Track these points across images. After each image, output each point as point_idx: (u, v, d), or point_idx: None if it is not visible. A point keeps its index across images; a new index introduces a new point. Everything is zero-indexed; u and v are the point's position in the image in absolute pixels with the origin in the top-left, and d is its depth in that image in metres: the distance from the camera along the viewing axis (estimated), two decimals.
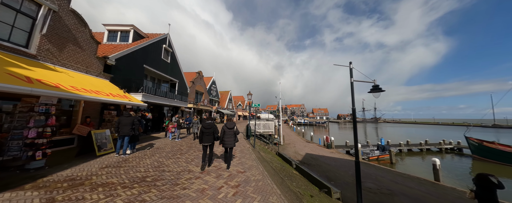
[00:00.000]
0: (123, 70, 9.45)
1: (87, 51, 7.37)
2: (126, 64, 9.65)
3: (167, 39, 13.79)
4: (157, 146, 7.80)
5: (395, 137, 32.11)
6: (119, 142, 5.85)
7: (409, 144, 22.04)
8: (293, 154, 14.37)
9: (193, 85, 22.28)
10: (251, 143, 10.24)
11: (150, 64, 11.85)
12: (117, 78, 9.08)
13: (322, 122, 75.46)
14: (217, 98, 32.84)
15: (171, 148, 7.49)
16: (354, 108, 5.99)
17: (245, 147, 8.49)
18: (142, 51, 10.92)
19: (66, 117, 6.91)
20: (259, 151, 8.70)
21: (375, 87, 6.46)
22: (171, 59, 14.71)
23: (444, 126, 75.31)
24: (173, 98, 13.63)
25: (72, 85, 5.37)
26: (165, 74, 13.64)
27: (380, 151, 17.23)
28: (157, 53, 12.69)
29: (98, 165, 4.82)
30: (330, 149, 17.86)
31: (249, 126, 11.91)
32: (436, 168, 9.78)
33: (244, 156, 6.59)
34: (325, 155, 14.71)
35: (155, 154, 6.38)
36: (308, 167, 10.91)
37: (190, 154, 6.61)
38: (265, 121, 18.11)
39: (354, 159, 14.60)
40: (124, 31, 11.41)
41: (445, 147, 22.12)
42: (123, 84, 9.37)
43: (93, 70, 7.67)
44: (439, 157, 20.45)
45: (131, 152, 6.34)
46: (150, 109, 14.36)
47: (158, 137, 10.61)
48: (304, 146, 18.78)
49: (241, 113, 47.57)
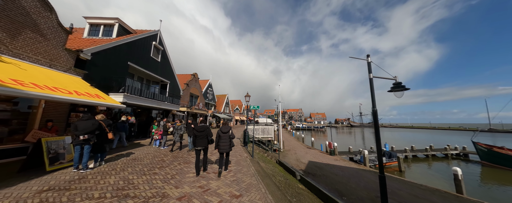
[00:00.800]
0: (101, 67, 8.19)
1: (52, 41, 6.12)
2: (106, 60, 8.40)
3: (157, 36, 12.65)
4: (135, 157, 6.43)
5: (396, 142, 31.19)
6: (76, 152, 4.51)
7: (414, 150, 21.05)
8: (295, 162, 13.08)
9: (187, 88, 21.01)
10: (249, 152, 8.95)
11: (137, 62, 10.62)
12: (94, 75, 7.80)
13: (320, 126, 74.50)
14: (213, 101, 31.53)
15: (151, 159, 6.14)
16: (375, 110, 4.87)
17: (242, 157, 7.20)
18: (126, 47, 9.72)
19: (19, 120, 5.54)
20: (258, 161, 7.41)
21: (397, 85, 5.32)
22: (162, 58, 13.52)
23: (441, 130, 75.39)
24: (162, 100, 12.32)
25: (19, 79, 4.10)
26: (154, 74, 12.39)
27: (387, 157, 16.11)
28: (145, 50, 11.50)
29: (37, 187, 3.49)
30: (334, 156, 16.63)
31: (246, 132, 10.64)
32: (458, 178, 8.66)
33: (240, 170, 5.31)
34: (330, 163, 13.46)
35: (127, 168, 5.04)
36: (314, 179, 9.63)
37: (172, 167, 5.27)
38: (264, 126, 16.87)
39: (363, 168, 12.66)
40: (108, 25, 10.23)
41: (451, 153, 21.19)
42: (100, 83, 8.09)
43: (60, 64, 6.39)
44: (445, 163, 19.61)
45: (96, 165, 4.99)
46: (137, 113, 13.01)
47: (142, 145, 9.22)
48: (305, 152, 17.50)
49: (238, 117, 46.13)
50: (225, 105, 38.39)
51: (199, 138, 4.69)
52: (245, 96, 11.09)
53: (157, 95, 11.86)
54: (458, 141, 34.48)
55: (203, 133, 4.71)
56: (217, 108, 34.66)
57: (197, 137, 4.67)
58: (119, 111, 9.48)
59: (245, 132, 10.78)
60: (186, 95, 20.60)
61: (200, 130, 4.72)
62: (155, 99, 11.39)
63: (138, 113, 12.95)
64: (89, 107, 7.25)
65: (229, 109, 41.69)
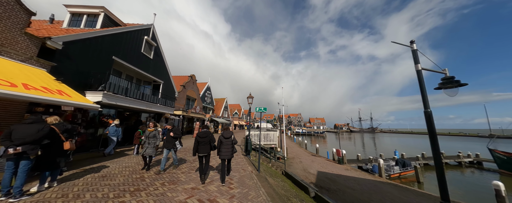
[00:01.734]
0: (77, 60, 6.81)
1: (5, 21, 4.77)
2: (83, 52, 7.04)
3: (150, 30, 11.40)
4: (107, 172, 4.92)
5: (403, 149, 29.86)
6: (6, 172, 3.05)
7: (426, 158, 19.72)
8: (302, 173, 11.58)
9: (183, 90, 19.61)
10: (253, 162, 7.47)
11: (124, 57, 9.27)
12: (66, 69, 6.41)
13: (320, 132, 73.02)
14: (211, 105, 30.05)
15: (127, 177, 4.64)
16: (429, 111, 3.59)
17: (246, 172, 5.73)
18: (111, 39, 8.40)
19: None
20: (266, 177, 5.95)
21: (448, 80, 4.03)
22: (155, 55, 12.20)
23: (442, 136, 74.48)
24: (154, 101, 10.88)
25: None
26: (145, 72, 11.01)
27: (400, 166, 14.72)
28: (135, 45, 10.18)
29: None
30: (343, 165, 15.16)
31: (249, 139, 9.21)
32: (501, 194, 7.30)
33: (247, 196, 3.84)
34: (341, 173, 11.99)
35: (86, 192, 3.56)
36: (328, 194, 8.16)
37: (150, 191, 3.77)
38: (266, 131, 15.43)
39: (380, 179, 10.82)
40: (92, 15, 8.95)
41: (464, 161, 19.90)
42: (75, 79, 6.68)
43: (16, 52, 5.00)
44: (460, 172, 18.26)
45: (41, 188, 3.50)
46: (125, 116, 11.52)
47: (126, 154, 7.69)
48: (311, 161, 16.00)
49: (237, 122, 44.50)
50: (224, 109, 36.90)
51: (202, 145, 4.60)
52: (248, 97, 9.76)
53: (148, 96, 10.43)
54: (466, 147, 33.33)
55: (205, 139, 4.63)
56: (215, 112, 33.13)
57: (200, 144, 4.60)
58: (99, 114, 8.01)
59: (247, 139, 9.34)
60: (182, 97, 19.17)
61: (203, 136, 4.63)
62: (144, 100, 9.96)
63: (126, 117, 11.46)
64: (55, 107, 5.80)
65: (228, 113, 40.16)
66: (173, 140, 5.47)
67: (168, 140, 5.45)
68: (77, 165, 5.56)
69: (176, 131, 5.55)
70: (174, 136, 5.44)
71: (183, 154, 8.60)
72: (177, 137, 5.53)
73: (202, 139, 4.61)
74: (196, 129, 18.26)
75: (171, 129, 5.58)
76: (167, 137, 5.48)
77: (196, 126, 18.61)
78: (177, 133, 5.54)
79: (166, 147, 5.42)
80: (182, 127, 19.19)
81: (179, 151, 9.27)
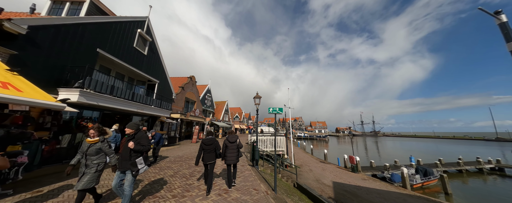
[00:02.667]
0: (48, 49, 5.53)
1: None
2: (57, 40, 5.77)
3: (145, 23, 10.21)
4: (65, 199, 3.52)
5: (408, 153, 28.28)
6: None
7: (444, 164, 18.22)
8: (316, 185, 10.11)
9: (182, 91, 18.33)
10: (264, 176, 6.07)
11: (111, 51, 8.01)
12: (32, 59, 5.13)
13: (323, 136, 71.31)
14: (212, 108, 28.70)
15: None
16: None
17: (260, 194, 4.29)
18: (96, 29, 7.16)
19: None
20: (285, 199, 4.53)
21: None
22: (150, 51, 10.97)
23: (447, 140, 72.72)
24: (147, 103, 9.55)
25: None
26: (137, 70, 9.73)
27: (421, 175, 13.22)
28: (126, 38, 8.96)
29: None
30: (358, 173, 13.68)
31: (256, 147, 7.82)
32: None
33: None
34: (360, 184, 10.53)
35: None
36: None
37: None
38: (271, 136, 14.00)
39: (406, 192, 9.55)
40: (76, 2, 7.76)
41: (485, 167, 18.39)
42: (44, 72, 5.40)
43: None
44: (482, 180, 16.70)
45: None
46: (116, 120, 10.16)
47: None
48: (322, 169, 14.51)
49: (238, 125, 42.99)
50: (225, 112, 35.51)
51: (207, 152, 4.35)
52: (255, 97, 8.45)
53: (140, 96, 9.12)
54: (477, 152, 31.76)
55: (211, 146, 4.38)
56: (215, 116, 31.73)
57: (205, 151, 4.36)
58: (78, 116, 6.65)
59: (255, 146, 7.95)
60: (180, 99, 17.86)
61: (208, 144, 4.38)
62: (136, 100, 8.64)
63: (118, 121, 10.10)
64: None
65: (228, 116, 38.74)
66: (135, 155, 3.14)
67: (123, 156, 3.17)
68: (35, 184, 4.17)
69: (142, 139, 3.26)
70: (135, 148, 3.12)
71: (178, 164, 7.18)
72: (140, 150, 3.18)
73: (207, 146, 4.32)
74: (195, 134, 16.83)
75: (132, 136, 3.28)
76: (123, 150, 3.24)
77: (195, 130, 17.19)
78: (144, 143, 3.25)
79: (120, 168, 3.16)
80: (180, 132, 17.76)
81: (174, 160, 7.83)
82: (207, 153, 4.31)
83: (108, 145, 3.33)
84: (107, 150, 3.25)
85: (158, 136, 7.08)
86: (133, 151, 3.14)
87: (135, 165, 3.10)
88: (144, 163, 3.26)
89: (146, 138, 3.36)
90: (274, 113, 5.20)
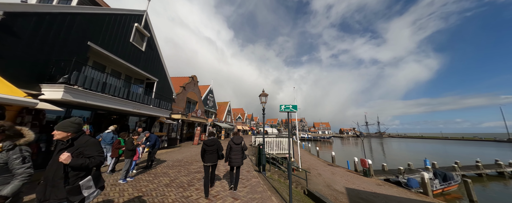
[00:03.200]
0: (28, 40, 4.88)
1: None
2: (40, 30, 5.13)
3: (143, 17, 9.59)
4: None
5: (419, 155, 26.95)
6: None
7: (461, 167, 17.02)
8: (328, 191, 9.23)
9: (183, 91, 17.69)
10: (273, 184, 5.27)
11: (104, 44, 7.36)
12: (7, 49, 4.48)
13: (327, 137, 69.86)
14: (214, 109, 28.04)
15: None
16: None
17: None
18: (87, 20, 6.52)
19: None
20: None
21: None
22: (149, 48, 10.33)
23: (456, 141, 70.37)
24: (144, 102, 8.88)
25: None
26: (134, 67, 9.08)
27: (440, 180, 12.17)
28: (122, 32, 8.33)
29: None
30: (370, 177, 12.72)
31: (263, 150, 7.01)
32: None
33: None
34: (376, 191, 9.59)
35: None
36: None
37: None
38: (275, 137, 13.18)
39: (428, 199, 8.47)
40: None
41: (507, 171, 17.11)
42: (23, 65, 4.75)
43: None
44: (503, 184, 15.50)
45: None
46: (112, 120, 9.55)
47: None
48: (331, 172, 13.59)
49: (240, 126, 42.20)
50: (227, 113, 34.82)
51: (208, 153, 4.21)
52: (261, 95, 7.69)
53: (137, 95, 8.45)
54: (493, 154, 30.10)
55: (213, 147, 4.23)
56: (218, 117, 31.06)
57: (206, 152, 4.21)
58: (65, 116, 5.98)
59: (261, 149, 7.15)
60: (182, 100, 17.21)
61: (210, 144, 4.25)
62: (132, 99, 7.97)
63: (113, 121, 9.47)
64: None
65: (231, 117, 38.03)
66: (74, 175, 1.81)
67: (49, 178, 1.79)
68: None
69: (87, 147, 1.93)
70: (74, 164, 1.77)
71: (176, 170, 6.43)
72: (86, 166, 1.83)
73: (209, 147, 4.24)
74: (197, 135, 16.13)
75: (67, 142, 1.91)
76: (49, 169, 1.83)
77: (197, 131, 16.49)
78: (91, 153, 1.93)
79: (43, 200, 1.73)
80: (181, 133, 17.10)
81: (173, 165, 7.05)
82: (208, 154, 4.20)
83: (21, 156, 1.84)
84: (15, 165, 1.77)
85: (154, 138, 6.36)
86: (72, 169, 1.78)
87: (76, 192, 1.73)
88: (95, 185, 1.91)
89: (96, 145, 2.00)
90: (287, 112, 4.40)
